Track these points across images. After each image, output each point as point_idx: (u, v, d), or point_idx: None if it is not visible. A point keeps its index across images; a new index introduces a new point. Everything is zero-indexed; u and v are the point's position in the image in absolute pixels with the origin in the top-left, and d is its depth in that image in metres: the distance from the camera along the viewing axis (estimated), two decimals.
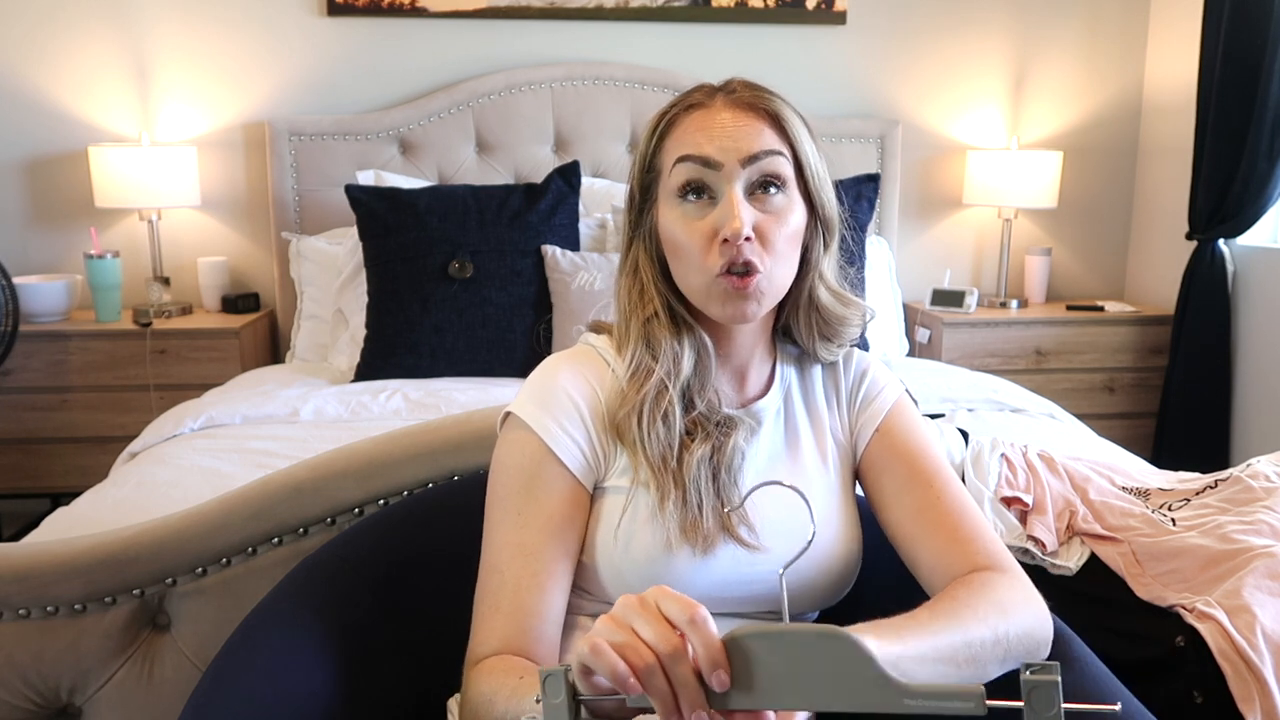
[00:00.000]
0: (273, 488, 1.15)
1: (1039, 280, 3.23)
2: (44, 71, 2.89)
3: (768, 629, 0.63)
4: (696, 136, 0.91)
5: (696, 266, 0.91)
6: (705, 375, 0.95)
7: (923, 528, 0.93)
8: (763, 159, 0.90)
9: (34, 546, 1.12)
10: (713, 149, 0.90)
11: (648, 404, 0.91)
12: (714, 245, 0.89)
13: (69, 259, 2.98)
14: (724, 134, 0.90)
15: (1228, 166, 2.78)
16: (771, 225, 0.90)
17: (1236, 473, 1.51)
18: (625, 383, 0.93)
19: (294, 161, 2.92)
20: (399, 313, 2.43)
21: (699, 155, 0.90)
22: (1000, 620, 0.82)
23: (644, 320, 0.96)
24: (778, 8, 3.05)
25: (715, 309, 0.92)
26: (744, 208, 0.89)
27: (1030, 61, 3.21)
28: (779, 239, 0.90)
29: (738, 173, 0.89)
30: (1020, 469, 1.58)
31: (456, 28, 2.99)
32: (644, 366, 0.93)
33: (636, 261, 0.98)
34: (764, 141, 0.90)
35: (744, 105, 0.92)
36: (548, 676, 0.64)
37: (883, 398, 1.02)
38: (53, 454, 2.74)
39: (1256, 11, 2.66)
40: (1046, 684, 0.59)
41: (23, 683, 1.09)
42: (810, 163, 0.93)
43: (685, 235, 0.91)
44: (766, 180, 0.91)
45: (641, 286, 0.97)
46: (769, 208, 0.91)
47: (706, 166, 0.90)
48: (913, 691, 0.60)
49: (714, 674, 0.62)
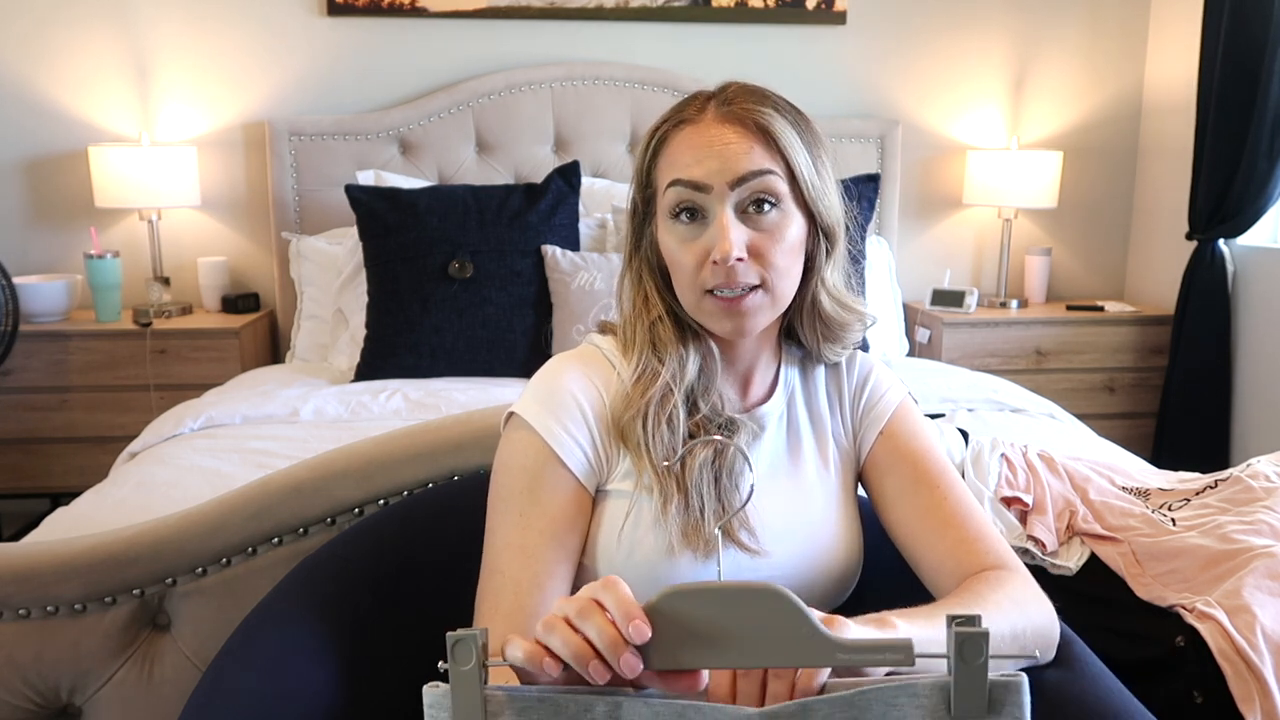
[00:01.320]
0: (273, 488, 1.15)
1: (1039, 280, 3.23)
2: (44, 71, 2.89)
3: (696, 586, 0.63)
4: (685, 158, 0.90)
5: (688, 284, 0.91)
6: (710, 379, 0.95)
7: (929, 529, 0.93)
8: (752, 180, 0.89)
9: (34, 546, 1.12)
10: (701, 172, 0.89)
11: (652, 407, 0.91)
12: (706, 265, 0.89)
13: (69, 259, 2.98)
14: (712, 155, 0.89)
15: (1228, 166, 2.78)
16: (766, 243, 0.90)
17: (1236, 473, 1.51)
18: (630, 386, 0.93)
19: (294, 161, 2.92)
20: (399, 313, 2.43)
21: (688, 180, 0.89)
22: (1019, 616, 0.83)
23: (650, 323, 0.96)
24: (778, 8, 3.05)
25: (710, 325, 0.93)
26: (735, 229, 0.88)
27: (1030, 61, 3.21)
28: (776, 255, 0.90)
29: (727, 195, 0.89)
30: (1020, 469, 1.58)
31: (456, 28, 2.99)
32: (649, 370, 0.94)
33: (640, 272, 0.98)
34: (752, 161, 0.89)
35: (735, 120, 0.90)
36: (457, 642, 0.61)
37: (886, 400, 1.02)
38: (53, 454, 2.74)
39: (1256, 11, 2.66)
40: (976, 635, 0.59)
41: (23, 683, 1.09)
42: (804, 175, 0.91)
43: (679, 255, 0.91)
44: (759, 199, 0.89)
45: (645, 294, 0.98)
46: (763, 226, 0.90)
47: (696, 190, 0.89)
48: (846, 646, 0.61)
49: (630, 625, 0.61)
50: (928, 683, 0.61)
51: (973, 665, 0.59)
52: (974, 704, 0.59)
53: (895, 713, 0.61)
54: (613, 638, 0.62)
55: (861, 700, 0.61)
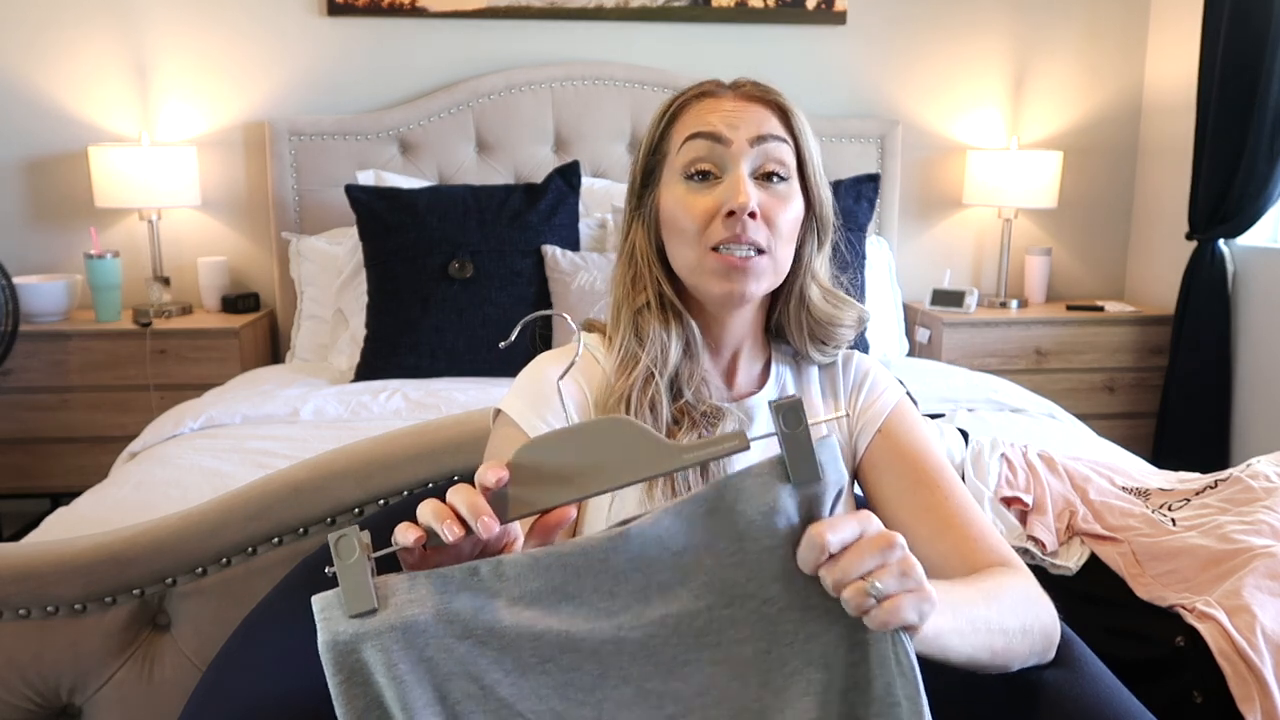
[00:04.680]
0: (273, 488, 1.15)
1: (1039, 280, 3.23)
2: (44, 71, 2.89)
3: (548, 433, 0.69)
4: (708, 117, 0.94)
5: (692, 241, 0.93)
6: (693, 365, 0.97)
7: (931, 528, 0.93)
8: (770, 142, 0.93)
9: (34, 546, 1.12)
10: (723, 126, 0.93)
11: (634, 392, 0.93)
12: (716, 220, 0.91)
13: (69, 259, 2.98)
14: (734, 114, 0.93)
15: (1228, 166, 2.78)
16: (777, 207, 0.93)
17: (1236, 473, 1.51)
18: (613, 372, 0.95)
19: (294, 161, 2.92)
20: (399, 313, 2.43)
21: (709, 131, 0.93)
22: (1028, 611, 0.84)
23: (635, 310, 0.98)
24: (778, 8, 3.05)
25: (709, 285, 0.93)
26: (751, 185, 0.92)
27: (1030, 61, 3.21)
28: (783, 222, 0.93)
29: (746, 151, 0.92)
30: (1020, 469, 1.58)
31: (456, 28, 2.99)
32: (631, 355, 0.95)
33: (634, 245, 1.00)
34: (771, 126, 0.94)
35: (753, 97, 0.95)
36: (340, 538, 0.64)
37: (883, 400, 1.03)
38: (53, 454, 2.74)
39: (1256, 11, 2.66)
40: (794, 404, 0.64)
41: (23, 683, 1.09)
42: (811, 157, 0.96)
43: (686, 211, 0.93)
44: (771, 170, 0.93)
45: (636, 272, 0.99)
46: (773, 193, 0.93)
47: (716, 142, 0.92)
48: (688, 448, 0.66)
49: (489, 473, 0.66)
50: (765, 460, 0.65)
51: (795, 432, 0.64)
52: (807, 467, 0.64)
53: (745, 493, 0.65)
54: (470, 502, 0.65)
55: (712, 492, 0.65)
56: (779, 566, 0.66)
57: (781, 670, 0.66)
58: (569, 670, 0.66)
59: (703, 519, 0.66)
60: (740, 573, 0.66)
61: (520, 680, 0.66)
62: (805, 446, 0.64)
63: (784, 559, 0.65)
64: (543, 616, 0.66)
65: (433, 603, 0.65)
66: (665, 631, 0.66)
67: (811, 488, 0.65)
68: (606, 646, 0.66)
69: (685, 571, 0.66)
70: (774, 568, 0.66)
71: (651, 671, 0.67)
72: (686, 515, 0.66)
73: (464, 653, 0.65)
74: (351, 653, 0.64)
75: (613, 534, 0.66)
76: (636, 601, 0.66)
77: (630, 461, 0.67)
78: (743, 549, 0.66)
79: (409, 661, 0.64)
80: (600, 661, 0.66)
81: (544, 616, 0.66)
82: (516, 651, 0.66)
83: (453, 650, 0.65)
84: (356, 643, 0.64)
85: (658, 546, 0.66)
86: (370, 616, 0.64)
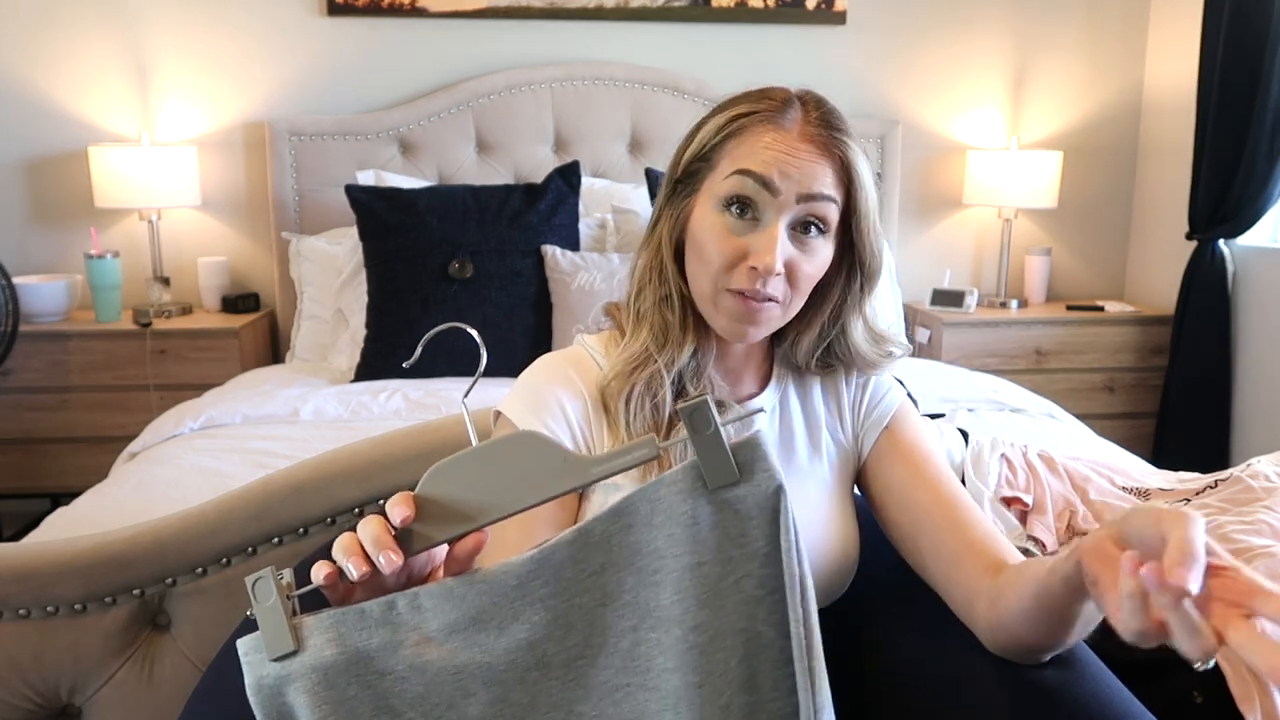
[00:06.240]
0: (273, 488, 1.15)
1: (1039, 280, 3.23)
2: (44, 71, 2.89)
3: (453, 456, 0.67)
4: (764, 155, 0.89)
5: (712, 276, 0.91)
6: (703, 365, 0.97)
7: (936, 528, 0.93)
8: (818, 201, 0.90)
9: (34, 546, 1.12)
10: (776, 173, 0.88)
11: (638, 387, 0.93)
12: (740, 266, 0.89)
13: (69, 259, 2.98)
14: (791, 164, 0.89)
15: (1228, 166, 2.78)
16: (801, 263, 0.91)
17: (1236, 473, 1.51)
18: (623, 361, 0.95)
19: (294, 161, 2.92)
20: (399, 313, 2.43)
21: (761, 175, 0.89)
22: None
23: (660, 298, 0.96)
24: (778, 8, 3.05)
25: (717, 319, 0.93)
26: (783, 244, 0.89)
27: (1030, 61, 3.21)
28: (803, 278, 0.91)
29: (790, 206, 0.89)
30: (1020, 469, 1.58)
31: (456, 28, 2.99)
32: (646, 352, 0.95)
33: (660, 240, 0.98)
34: (825, 184, 0.90)
35: (819, 143, 0.91)
36: (256, 581, 0.64)
37: (886, 402, 1.03)
38: (53, 454, 2.74)
39: (1256, 11, 2.66)
40: (700, 405, 0.62)
41: (23, 683, 1.09)
42: (866, 211, 0.93)
43: (715, 245, 0.91)
44: (810, 221, 0.91)
45: (662, 268, 0.97)
46: (805, 247, 0.91)
47: (764, 187, 0.89)
48: (597, 460, 0.64)
49: (394, 509, 0.64)
50: (678, 468, 0.63)
51: (705, 434, 0.61)
52: (722, 469, 0.61)
53: (660, 505, 0.63)
54: (375, 536, 0.64)
55: (627, 505, 0.64)
56: (703, 588, 0.62)
57: (716, 703, 0.63)
58: (497, 702, 0.65)
59: (620, 535, 0.64)
60: (664, 594, 0.63)
61: (447, 714, 0.64)
62: (719, 449, 0.61)
63: (708, 578, 0.62)
64: (463, 648, 0.64)
65: (350, 641, 0.64)
66: (592, 653, 0.64)
67: (732, 491, 0.62)
68: (532, 674, 0.65)
69: (606, 593, 0.64)
70: (698, 590, 0.62)
71: (582, 695, 0.65)
72: (599, 533, 0.64)
73: (386, 688, 0.64)
74: (277, 695, 0.64)
75: (527, 558, 0.64)
76: (557, 627, 0.64)
77: (536, 481, 0.65)
78: (663, 567, 0.63)
79: (332, 703, 0.63)
80: (528, 689, 0.65)
81: (464, 648, 0.64)
82: (439, 687, 0.64)
83: (374, 687, 0.64)
84: (281, 685, 0.64)
85: (574, 568, 0.64)
86: (291, 659, 0.63)
